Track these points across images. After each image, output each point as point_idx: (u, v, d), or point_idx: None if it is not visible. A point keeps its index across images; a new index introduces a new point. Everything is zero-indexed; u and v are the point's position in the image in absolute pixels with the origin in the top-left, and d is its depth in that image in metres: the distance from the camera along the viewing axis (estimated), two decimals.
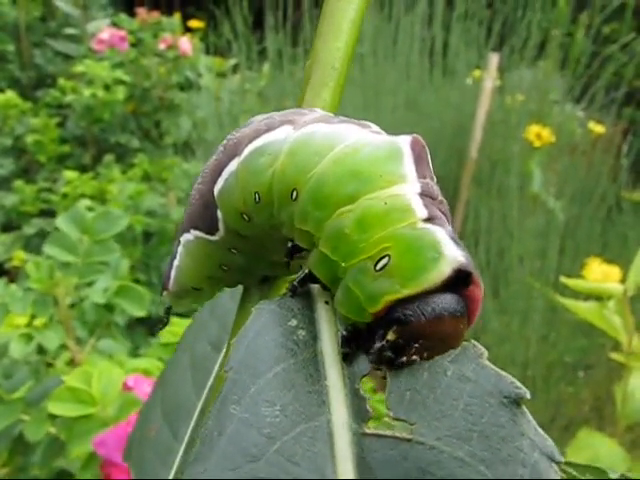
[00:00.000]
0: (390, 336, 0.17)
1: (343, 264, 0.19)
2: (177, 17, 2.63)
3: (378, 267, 0.18)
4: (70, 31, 2.58)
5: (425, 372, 0.17)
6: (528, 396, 0.17)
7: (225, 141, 0.26)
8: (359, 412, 0.17)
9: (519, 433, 0.16)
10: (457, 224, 1.78)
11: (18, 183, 2.05)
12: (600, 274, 1.22)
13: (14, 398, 0.71)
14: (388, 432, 0.16)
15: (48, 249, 0.74)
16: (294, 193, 0.22)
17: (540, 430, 0.17)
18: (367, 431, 0.17)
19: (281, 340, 0.19)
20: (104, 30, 2.39)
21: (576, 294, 1.23)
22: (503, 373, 0.17)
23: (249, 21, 2.26)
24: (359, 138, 0.21)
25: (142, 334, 1.51)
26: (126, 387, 0.57)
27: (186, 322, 0.83)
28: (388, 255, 0.18)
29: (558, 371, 1.49)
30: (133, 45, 2.44)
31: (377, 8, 2.05)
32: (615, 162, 1.94)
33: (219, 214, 0.26)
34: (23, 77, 2.59)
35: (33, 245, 1.87)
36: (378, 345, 0.18)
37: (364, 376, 0.19)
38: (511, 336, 1.48)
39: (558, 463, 0.16)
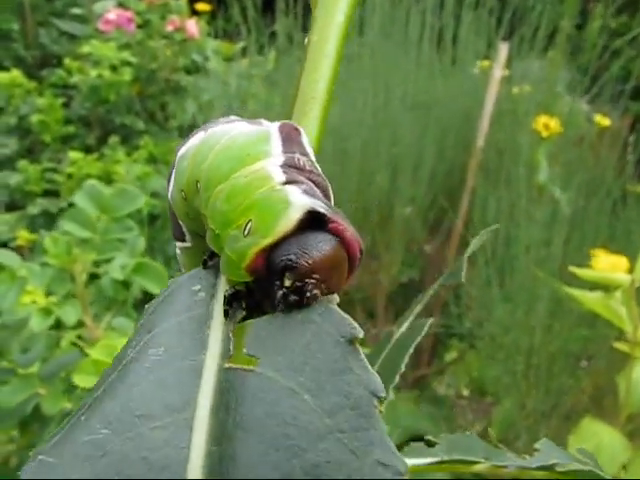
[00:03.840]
0: (287, 283, 0.19)
1: (220, 234, 0.22)
2: None
3: (245, 232, 0.20)
4: (76, 11, 2.57)
5: (280, 316, 0.19)
6: (361, 335, 0.18)
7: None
8: (226, 353, 0.20)
9: (348, 369, 0.18)
10: (462, 211, 1.79)
11: (22, 163, 2.04)
12: (607, 264, 1.22)
13: (29, 372, 0.72)
14: (237, 365, 0.19)
15: (65, 225, 0.74)
16: (198, 185, 0.24)
17: (370, 368, 0.18)
18: (226, 365, 0.19)
19: (182, 299, 0.22)
20: (111, 11, 2.38)
21: (580, 284, 1.23)
22: (346, 316, 0.19)
23: (258, 4, 2.24)
24: (239, 130, 0.24)
25: None
26: None
27: None
28: (251, 219, 0.21)
29: (561, 360, 1.50)
30: (140, 26, 2.42)
31: None
32: (621, 155, 1.94)
33: (179, 220, 0.28)
34: (27, 56, 2.57)
35: (37, 225, 1.86)
36: (280, 294, 0.19)
37: (235, 325, 0.21)
38: (516, 325, 1.49)
39: (379, 398, 0.17)
